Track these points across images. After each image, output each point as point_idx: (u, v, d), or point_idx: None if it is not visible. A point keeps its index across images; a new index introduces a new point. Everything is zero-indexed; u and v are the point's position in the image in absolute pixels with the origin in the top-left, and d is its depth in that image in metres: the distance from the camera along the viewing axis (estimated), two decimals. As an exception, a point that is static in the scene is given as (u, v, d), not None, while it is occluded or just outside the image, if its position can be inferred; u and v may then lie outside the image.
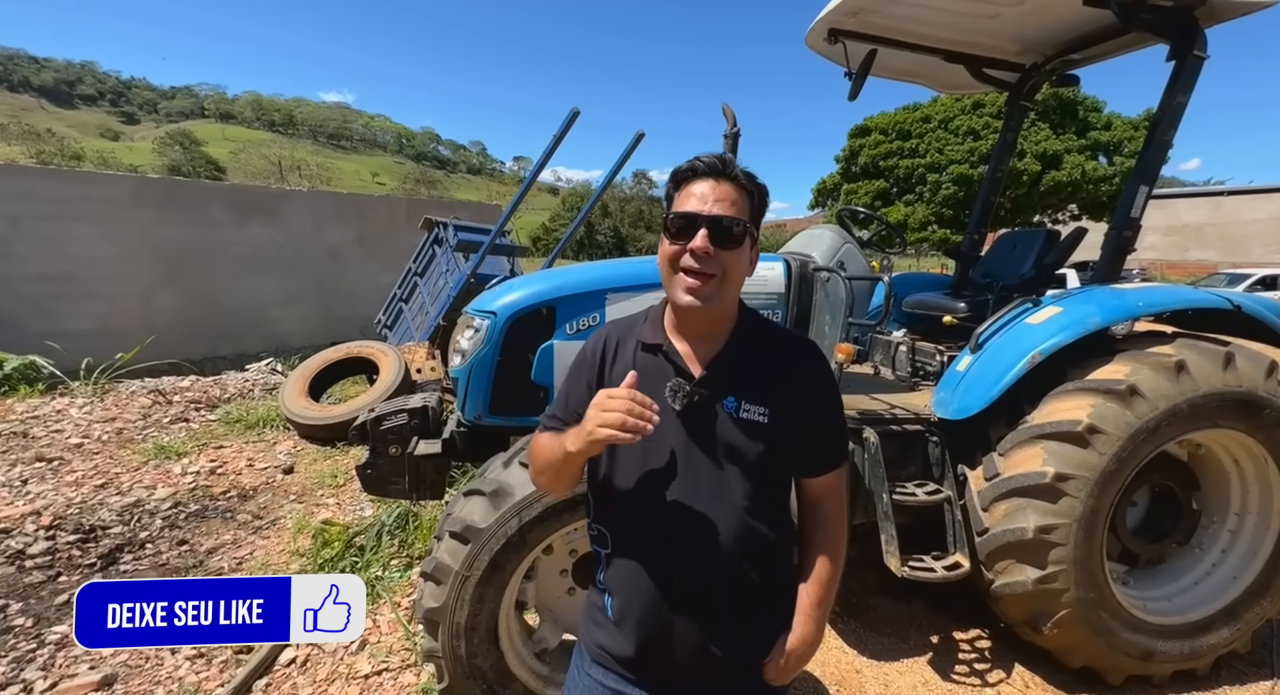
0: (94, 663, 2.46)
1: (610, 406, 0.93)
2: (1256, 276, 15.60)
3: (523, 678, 2.00)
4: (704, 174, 1.05)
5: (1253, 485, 2.47)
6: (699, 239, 1.00)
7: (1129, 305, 2.35)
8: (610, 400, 0.94)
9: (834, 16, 2.61)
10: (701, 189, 1.03)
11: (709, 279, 1.02)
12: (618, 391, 0.95)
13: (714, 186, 1.03)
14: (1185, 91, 2.47)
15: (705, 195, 1.03)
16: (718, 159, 1.06)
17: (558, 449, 1.05)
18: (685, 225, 1.02)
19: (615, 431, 0.92)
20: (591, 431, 0.94)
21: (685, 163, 1.08)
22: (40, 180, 8.71)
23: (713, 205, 1.02)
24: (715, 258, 1.01)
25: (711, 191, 1.03)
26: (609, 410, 0.93)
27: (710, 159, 1.06)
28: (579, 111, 4.82)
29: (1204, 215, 35.04)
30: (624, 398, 0.93)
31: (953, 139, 24.91)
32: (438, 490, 2.55)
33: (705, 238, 1.00)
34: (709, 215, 1.01)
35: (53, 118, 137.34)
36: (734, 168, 1.06)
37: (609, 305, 2.27)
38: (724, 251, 1.02)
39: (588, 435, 0.95)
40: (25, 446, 4.67)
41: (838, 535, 1.16)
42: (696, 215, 1.02)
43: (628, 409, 0.92)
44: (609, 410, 0.93)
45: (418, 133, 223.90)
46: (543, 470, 1.13)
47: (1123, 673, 2.30)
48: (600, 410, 0.94)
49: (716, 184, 1.03)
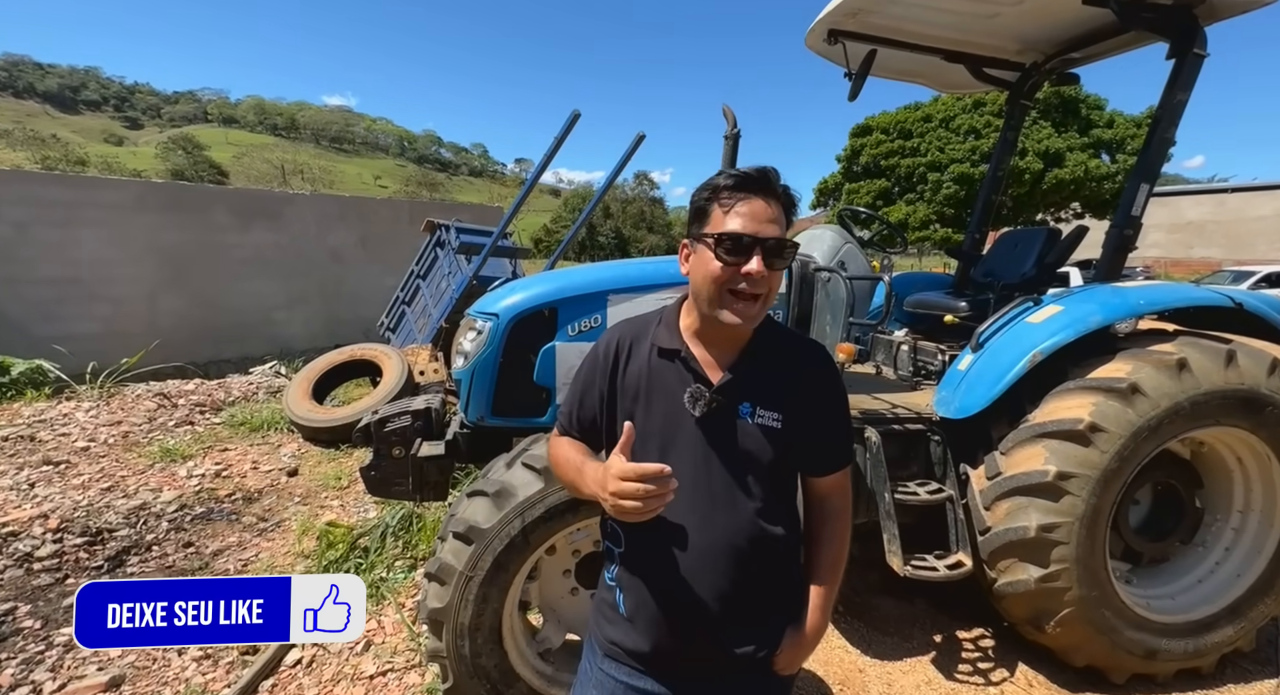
0: (102, 664, 2.48)
1: (627, 493, 0.91)
2: (1261, 274, 15.52)
3: (526, 677, 2.01)
4: (754, 190, 1.01)
5: (1256, 483, 2.46)
6: (755, 263, 0.99)
7: (1130, 304, 2.34)
8: (627, 486, 0.91)
9: (833, 17, 2.62)
10: (754, 208, 1.00)
11: (756, 300, 1.03)
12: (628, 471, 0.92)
13: (765, 206, 1.00)
14: (1185, 89, 2.47)
15: (758, 215, 1.00)
16: (765, 173, 1.02)
17: (576, 478, 1.11)
18: (736, 246, 0.99)
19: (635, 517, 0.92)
20: (611, 507, 0.95)
21: (728, 174, 1.03)
22: (46, 185, 8.77)
23: (767, 226, 1.00)
24: (765, 279, 1.01)
25: (764, 211, 1.00)
26: (627, 497, 0.91)
27: (758, 173, 1.02)
28: (580, 114, 4.84)
29: (1208, 212, 34.89)
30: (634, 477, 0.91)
31: (954, 138, 24.90)
32: (441, 491, 2.57)
33: (761, 262, 0.99)
34: (766, 238, 0.99)
35: (57, 123, 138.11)
36: (780, 183, 1.03)
37: (611, 307, 2.28)
38: (774, 272, 1.01)
39: (607, 504, 0.95)
40: (32, 450, 4.70)
41: (843, 531, 1.20)
42: (755, 238, 0.99)
43: (645, 494, 0.90)
44: (627, 497, 0.91)
45: (419, 135, 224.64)
46: (566, 485, 1.19)
47: (1126, 671, 2.30)
48: (618, 490, 0.92)
49: (767, 204, 1.01)
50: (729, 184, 1.01)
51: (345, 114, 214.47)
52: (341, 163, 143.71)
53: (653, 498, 0.90)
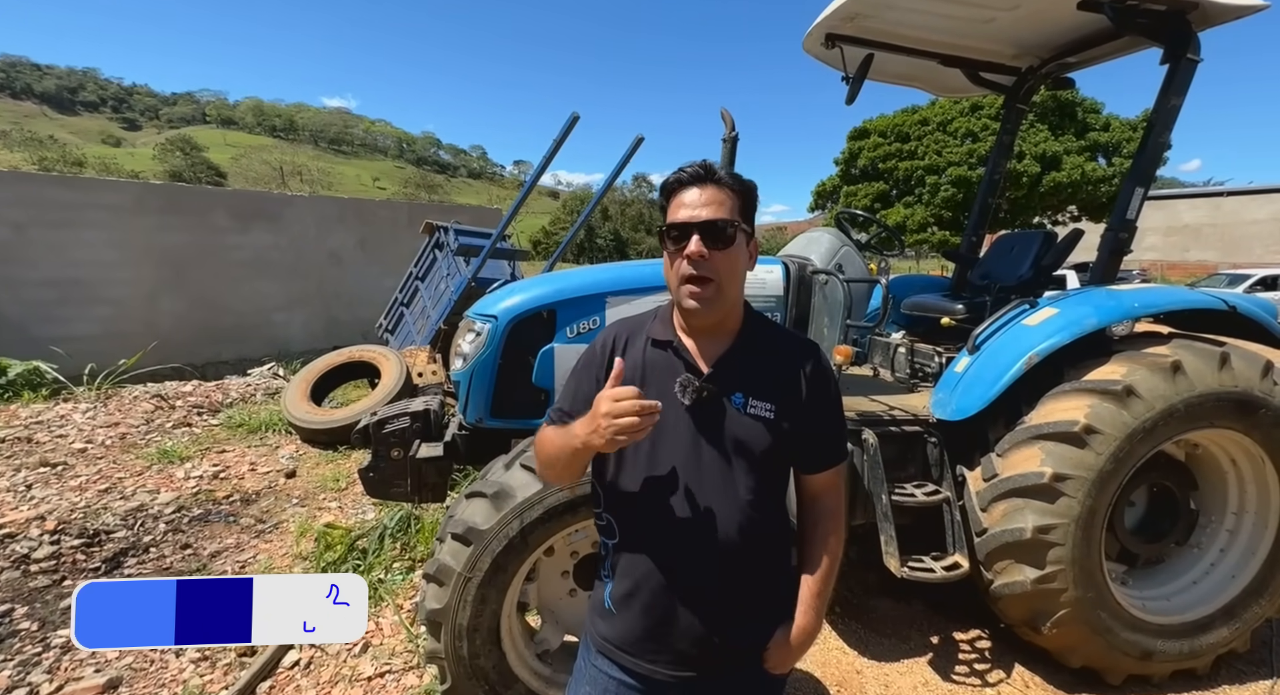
0: (99, 666, 2.48)
1: (622, 411, 0.94)
2: (1257, 277, 15.61)
3: (525, 679, 2.01)
4: (690, 182, 1.09)
5: (1250, 484, 2.48)
6: (693, 244, 1.05)
7: (1125, 306, 2.36)
8: (617, 404, 0.95)
9: (831, 22, 2.64)
10: (690, 197, 1.08)
11: (708, 283, 1.06)
12: (621, 392, 0.97)
13: (700, 192, 1.08)
14: (1179, 94, 2.49)
15: (694, 202, 1.07)
16: (701, 166, 1.10)
17: (568, 440, 1.06)
18: (680, 234, 1.07)
19: (628, 435, 0.94)
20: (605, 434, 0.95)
21: (672, 174, 1.13)
22: (45, 187, 8.76)
23: (701, 210, 1.06)
24: (710, 260, 1.05)
25: (699, 198, 1.07)
26: (620, 415, 0.94)
27: (694, 167, 1.10)
28: (579, 116, 4.86)
29: (1204, 216, 35.07)
30: (629, 397, 0.95)
31: (951, 141, 24.95)
32: (440, 493, 2.57)
33: (699, 242, 1.05)
34: (699, 221, 1.05)
35: (55, 124, 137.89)
36: (718, 172, 1.09)
37: (609, 308, 2.29)
38: (718, 253, 1.06)
39: (601, 431, 0.96)
40: (30, 451, 4.69)
41: (836, 530, 1.20)
42: (688, 223, 1.06)
43: (640, 410, 0.94)
44: (620, 415, 0.94)
45: (418, 137, 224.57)
46: (550, 463, 1.14)
47: (1122, 672, 2.31)
48: (610, 410, 0.95)
49: (702, 190, 1.08)
50: (671, 181, 1.11)
51: (344, 115, 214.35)
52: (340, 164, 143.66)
53: (645, 416, 0.94)
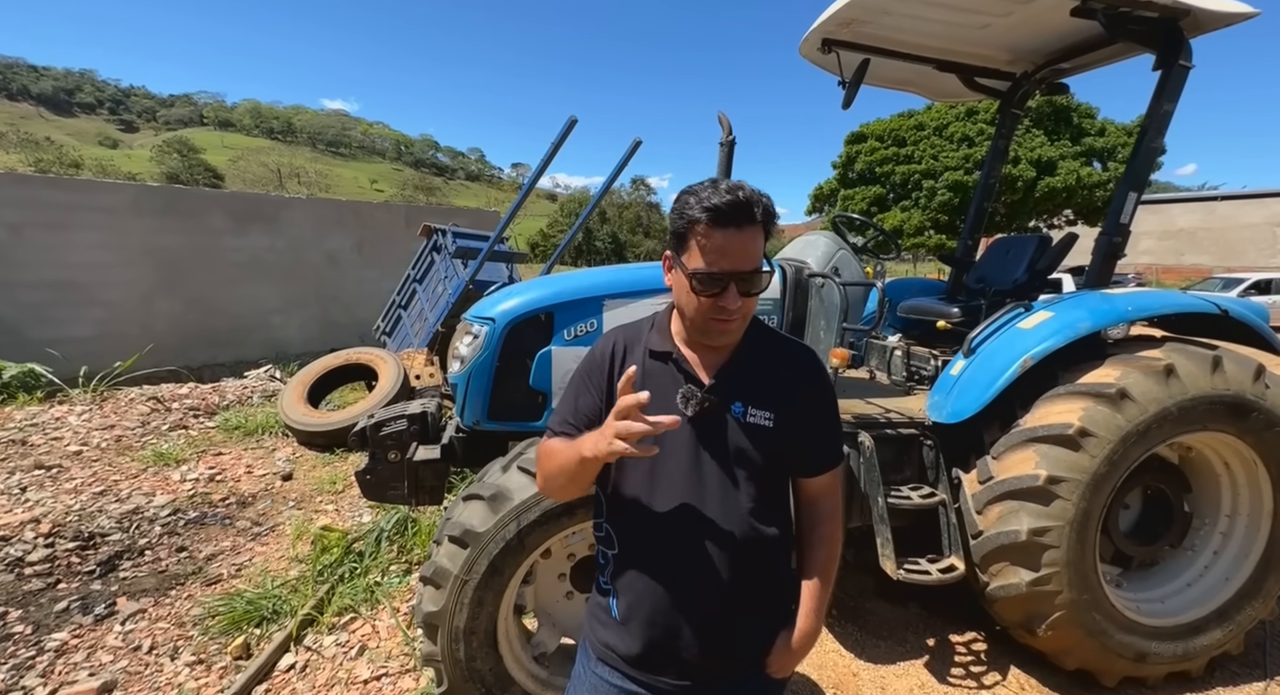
0: (93, 669, 2.47)
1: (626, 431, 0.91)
2: (1250, 281, 15.68)
3: (521, 681, 2.01)
4: (730, 221, 0.97)
5: (1243, 487, 2.49)
6: (732, 297, 1.00)
7: (1118, 310, 2.38)
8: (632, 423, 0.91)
9: (827, 27, 2.65)
10: (729, 242, 0.98)
11: (735, 319, 1.05)
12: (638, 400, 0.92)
13: (740, 236, 0.98)
14: (1172, 100, 2.51)
15: (732, 251, 0.98)
16: (742, 200, 0.97)
17: (573, 455, 1.02)
18: (714, 282, 1.00)
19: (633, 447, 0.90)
20: (613, 442, 0.92)
21: (704, 199, 0.98)
22: (41, 188, 8.73)
23: (741, 260, 0.99)
24: (743, 304, 1.03)
25: (739, 244, 0.98)
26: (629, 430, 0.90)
27: (732, 205, 0.97)
28: (577, 119, 4.87)
29: (1198, 220, 35.23)
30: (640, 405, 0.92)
31: (947, 145, 25.08)
32: (437, 495, 2.57)
33: (737, 294, 1.01)
34: (739, 273, 1.00)
35: (51, 126, 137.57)
36: (755, 205, 0.98)
37: (606, 311, 2.30)
38: (751, 298, 1.04)
39: (608, 446, 0.92)
40: (24, 454, 4.67)
41: (835, 532, 1.20)
42: (728, 276, 0.99)
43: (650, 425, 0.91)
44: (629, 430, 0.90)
45: (416, 139, 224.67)
46: (554, 476, 1.10)
47: (1117, 674, 2.32)
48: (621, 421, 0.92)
49: (740, 232, 0.98)
50: (704, 218, 0.98)
51: (341, 118, 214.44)
52: (338, 167, 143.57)
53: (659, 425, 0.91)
